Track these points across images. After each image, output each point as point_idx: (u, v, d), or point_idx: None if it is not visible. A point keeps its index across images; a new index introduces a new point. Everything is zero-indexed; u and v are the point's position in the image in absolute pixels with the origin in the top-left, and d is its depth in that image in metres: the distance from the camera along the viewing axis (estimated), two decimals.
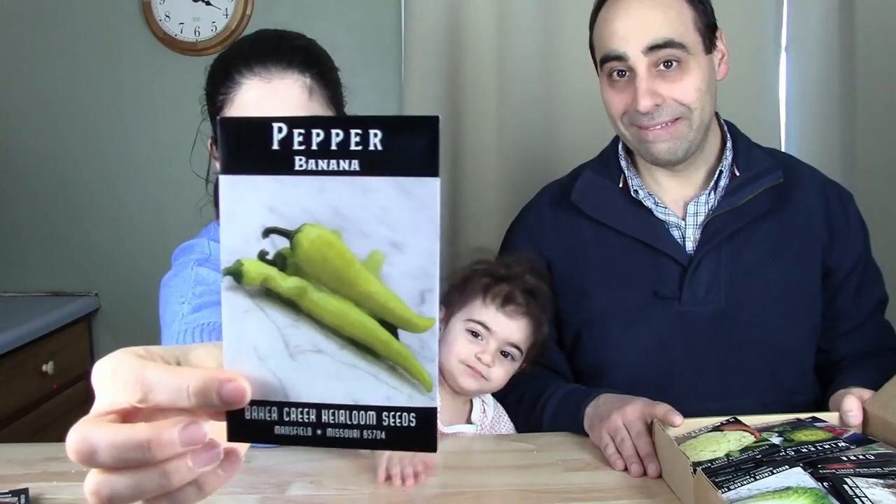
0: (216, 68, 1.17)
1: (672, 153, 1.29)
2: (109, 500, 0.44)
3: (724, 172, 1.35)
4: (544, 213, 1.45)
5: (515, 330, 1.28)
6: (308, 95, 1.11)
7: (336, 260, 0.44)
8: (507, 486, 1.07)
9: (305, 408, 0.45)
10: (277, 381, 0.45)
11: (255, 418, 0.46)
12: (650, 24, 1.24)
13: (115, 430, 0.44)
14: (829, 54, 2.20)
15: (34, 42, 2.36)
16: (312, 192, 0.43)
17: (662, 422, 1.11)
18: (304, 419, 0.46)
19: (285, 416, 0.46)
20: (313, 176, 0.43)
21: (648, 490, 1.05)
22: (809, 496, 0.88)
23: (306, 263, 0.44)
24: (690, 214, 1.35)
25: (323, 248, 0.44)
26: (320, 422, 0.45)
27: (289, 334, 0.45)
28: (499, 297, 1.28)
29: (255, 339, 0.45)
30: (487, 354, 1.27)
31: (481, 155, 2.25)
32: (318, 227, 0.44)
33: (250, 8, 2.29)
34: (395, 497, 1.04)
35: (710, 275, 1.32)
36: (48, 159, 2.39)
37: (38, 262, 2.38)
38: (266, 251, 0.44)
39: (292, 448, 1.23)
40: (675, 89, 1.25)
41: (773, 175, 1.34)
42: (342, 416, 0.45)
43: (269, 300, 0.45)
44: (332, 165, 0.43)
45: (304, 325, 0.45)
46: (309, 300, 0.45)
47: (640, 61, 1.25)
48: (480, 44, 2.22)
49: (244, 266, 0.44)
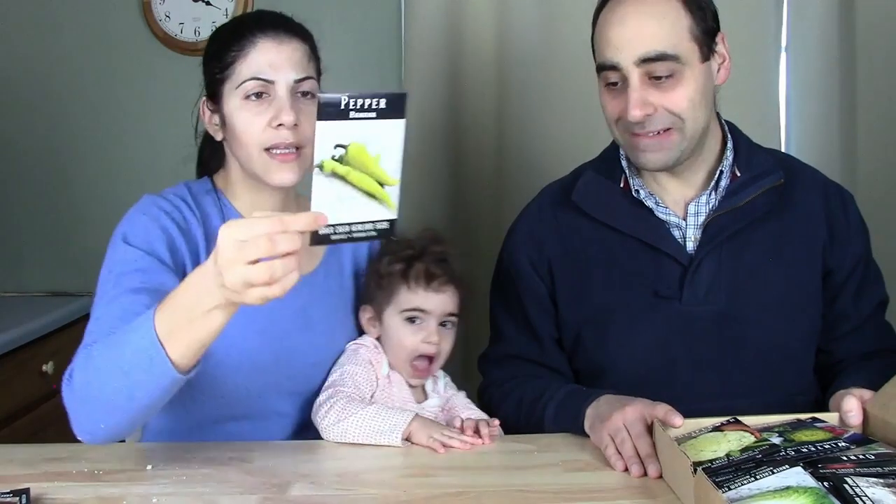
0: (225, 31, 1.30)
1: (662, 163, 1.30)
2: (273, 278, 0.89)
3: (724, 173, 1.35)
4: (545, 212, 1.45)
5: (448, 301, 1.32)
6: (308, 60, 1.27)
7: (362, 157, 0.92)
8: (508, 487, 1.07)
9: (345, 225, 0.93)
10: (334, 215, 0.91)
11: (323, 233, 0.92)
12: (644, 36, 1.24)
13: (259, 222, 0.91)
14: (829, 54, 2.20)
15: (34, 42, 2.36)
16: (355, 127, 0.89)
17: (663, 422, 1.11)
18: (343, 232, 0.93)
19: (336, 231, 0.92)
20: (356, 121, 0.89)
21: (648, 490, 1.05)
22: (810, 496, 0.88)
23: (351, 160, 0.91)
24: (691, 214, 1.35)
25: (357, 152, 0.91)
26: (351, 232, 0.93)
27: (341, 193, 0.91)
28: (421, 277, 1.31)
29: (327, 196, 0.91)
30: (433, 334, 1.31)
31: (481, 155, 2.25)
32: (356, 143, 0.90)
33: (250, 8, 2.29)
34: (396, 497, 1.04)
35: (710, 275, 1.32)
36: (48, 159, 2.39)
37: (38, 262, 2.38)
38: (334, 156, 0.90)
39: (293, 448, 1.24)
40: (666, 99, 1.25)
41: (774, 176, 1.34)
42: (360, 226, 0.94)
43: (334, 178, 0.91)
44: (363, 115, 0.89)
45: (347, 187, 0.92)
46: (351, 175, 0.92)
47: (633, 71, 1.25)
48: (480, 44, 2.22)
49: (324, 162, 0.90)
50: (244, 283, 0.90)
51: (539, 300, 1.42)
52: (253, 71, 1.23)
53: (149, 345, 0.99)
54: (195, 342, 0.99)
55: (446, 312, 1.33)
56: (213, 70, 1.27)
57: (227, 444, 1.23)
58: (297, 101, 1.24)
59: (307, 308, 1.33)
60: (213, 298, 0.95)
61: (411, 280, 1.31)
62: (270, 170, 1.24)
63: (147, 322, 1.00)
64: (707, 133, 1.33)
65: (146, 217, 1.25)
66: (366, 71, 2.35)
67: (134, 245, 1.21)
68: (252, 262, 0.89)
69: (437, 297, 1.31)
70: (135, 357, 1.00)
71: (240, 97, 1.23)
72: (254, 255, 0.89)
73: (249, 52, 1.23)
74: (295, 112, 1.22)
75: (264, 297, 0.91)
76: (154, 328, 0.99)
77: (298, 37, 1.27)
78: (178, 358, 1.00)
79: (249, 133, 1.23)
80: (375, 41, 2.35)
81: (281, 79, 1.23)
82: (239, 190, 1.33)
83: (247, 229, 0.90)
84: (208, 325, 0.97)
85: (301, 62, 1.25)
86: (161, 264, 1.21)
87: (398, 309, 1.32)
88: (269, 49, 1.23)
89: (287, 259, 0.90)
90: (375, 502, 1.03)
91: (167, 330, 0.99)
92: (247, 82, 1.23)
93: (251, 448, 1.21)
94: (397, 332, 1.32)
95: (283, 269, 0.90)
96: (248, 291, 0.91)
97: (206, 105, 1.31)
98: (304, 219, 0.89)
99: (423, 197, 2.24)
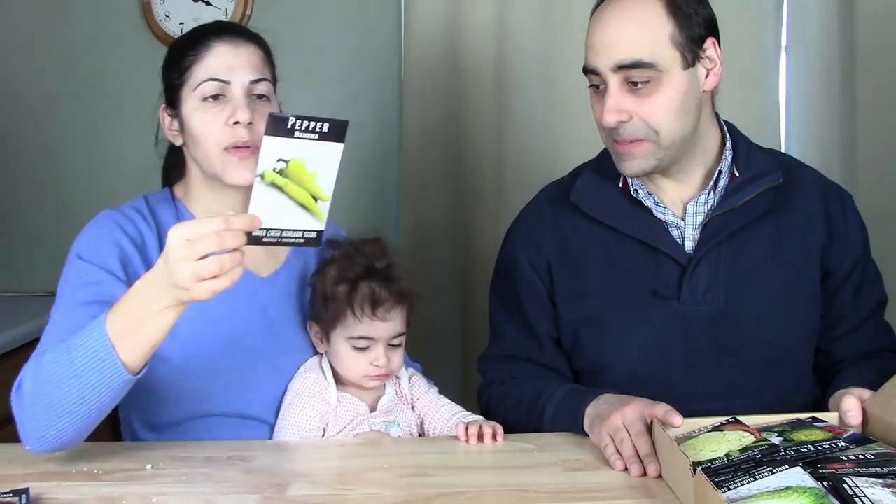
0: (184, 39, 1.34)
1: (638, 170, 1.30)
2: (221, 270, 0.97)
3: (723, 173, 1.35)
4: (544, 212, 1.45)
5: (395, 325, 1.30)
6: (263, 64, 1.32)
7: (300, 173, 1.01)
8: (507, 486, 1.07)
9: (276, 230, 1.02)
10: (269, 220, 1.00)
11: (256, 234, 1.00)
12: (621, 42, 1.24)
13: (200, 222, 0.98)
14: (829, 54, 2.20)
15: (34, 42, 2.36)
16: (298, 145, 0.99)
17: (662, 422, 1.11)
18: (274, 236, 1.02)
19: (267, 234, 1.01)
20: (300, 140, 0.99)
21: (648, 490, 1.05)
22: (809, 496, 0.88)
23: (290, 173, 1.00)
24: (690, 214, 1.35)
25: (296, 168, 1.00)
26: (281, 237, 1.02)
27: (277, 201, 1.00)
28: (366, 303, 1.27)
29: (264, 202, 1.00)
30: (381, 357, 1.29)
31: (481, 155, 2.25)
32: (296, 159, 1.00)
33: (250, 8, 2.29)
34: (395, 497, 1.04)
35: (709, 275, 1.32)
36: (47, 158, 2.38)
37: (38, 262, 2.38)
38: (276, 168, 0.99)
39: (293, 448, 1.24)
40: (642, 106, 1.25)
41: (773, 176, 1.34)
42: (290, 233, 1.03)
43: (273, 187, 1.00)
44: (307, 136, 0.99)
45: (284, 197, 1.01)
46: (289, 187, 1.01)
47: (611, 77, 1.25)
48: (480, 44, 2.23)
49: (265, 173, 0.98)
50: (194, 277, 0.97)
51: (538, 300, 1.42)
52: (209, 73, 1.26)
53: (100, 347, 1.04)
54: (146, 342, 1.05)
55: (393, 335, 1.30)
56: (172, 76, 1.30)
57: (227, 444, 1.23)
58: (252, 102, 1.26)
59: (268, 309, 1.34)
60: (163, 299, 1.01)
61: (356, 307, 1.27)
62: (229, 169, 1.26)
63: (99, 326, 1.05)
64: (696, 137, 1.32)
65: (100, 231, 1.28)
66: (366, 71, 2.36)
67: (86, 260, 1.25)
68: (201, 258, 0.97)
69: (383, 325, 1.28)
70: (87, 360, 1.04)
71: (198, 99, 1.26)
72: (203, 251, 0.97)
73: (206, 56, 1.27)
74: (250, 111, 1.24)
75: (213, 289, 0.98)
76: (106, 331, 1.04)
77: (254, 42, 1.31)
78: (128, 359, 1.05)
79: (208, 134, 1.26)
80: (375, 41, 2.35)
81: (237, 79, 1.26)
82: (197, 196, 1.35)
83: (195, 228, 0.98)
84: (158, 325, 1.03)
85: (256, 65, 1.29)
86: (113, 277, 1.23)
87: (345, 335, 1.29)
88: (225, 52, 1.27)
89: (234, 253, 0.98)
90: (375, 502, 1.03)
91: (118, 332, 1.04)
92: (204, 84, 1.26)
93: (251, 448, 1.21)
94: (345, 355, 1.30)
95: (231, 261, 0.98)
96: (197, 286, 0.98)
97: (164, 112, 1.33)
98: (244, 219, 0.99)
99: (424, 195, 2.25)
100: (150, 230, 1.32)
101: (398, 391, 1.37)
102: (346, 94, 2.36)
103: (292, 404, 1.29)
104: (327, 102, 2.32)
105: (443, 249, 2.27)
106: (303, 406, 1.28)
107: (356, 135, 2.37)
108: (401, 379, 1.38)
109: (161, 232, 1.31)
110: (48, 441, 1.09)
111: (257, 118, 1.24)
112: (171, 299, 1.01)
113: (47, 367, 1.07)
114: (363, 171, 2.35)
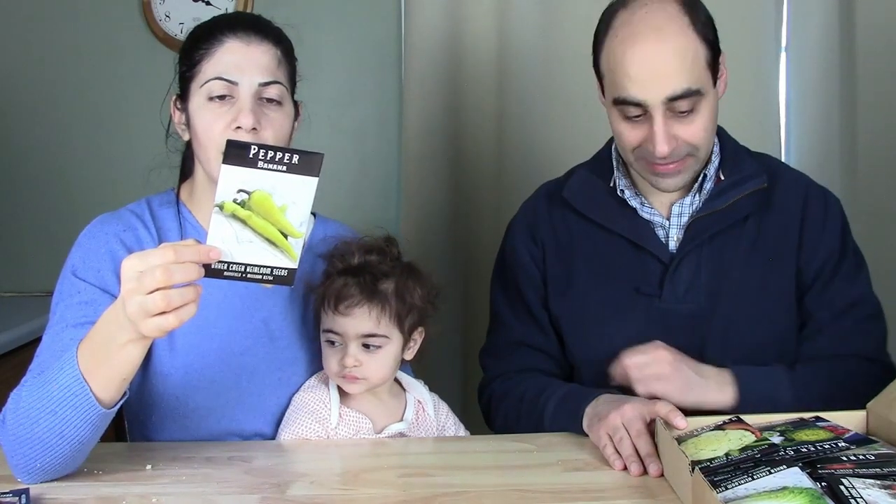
0: (199, 29, 1.26)
1: (679, 186, 1.33)
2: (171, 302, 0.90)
3: (708, 176, 1.36)
4: (540, 207, 1.48)
5: (360, 323, 1.23)
6: (276, 64, 1.23)
7: (266, 206, 0.96)
8: (507, 486, 1.07)
9: (239, 265, 0.96)
10: (229, 253, 0.95)
11: (216, 267, 0.95)
12: (670, 75, 1.23)
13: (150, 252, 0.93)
14: (829, 54, 2.20)
15: (34, 42, 2.36)
16: (262, 176, 0.94)
17: (665, 421, 1.11)
18: (237, 270, 0.97)
19: (229, 267, 0.96)
20: (265, 171, 0.94)
21: (648, 490, 1.05)
22: (805, 496, 0.88)
23: (254, 205, 0.95)
24: (675, 215, 1.37)
25: (261, 200, 0.95)
26: (245, 272, 0.97)
27: (239, 234, 0.95)
28: (331, 298, 1.23)
29: (223, 235, 0.95)
30: (349, 357, 1.23)
31: (481, 154, 2.25)
32: (261, 191, 0.94)
33: (250, 8, 2.30)
34: (396, 497, 1.04)
35: (690, 274, 1.34)
36: (48, 159, 2.39)
37: (38, 262, 2.38)
38: (236, 199, 0.94)
39: (293, 448, 1.24)
40: (688, 131, 1.26)
41: (757, 180, 1.35)
42: (255, 269, 0.97)
43: (233, 219, 0.95)
44: (273, 167, 0.94)
45: (247, 231, 0.95)
46: (252, 220, 0.96)
47: (658, 109, 1.24)
48: (480, 44, 2.23)
49: (224, 203, 0.94)
50: (142, 312, 0.91)
51: (537, 289, 1.45)
52: (217, 71, 1.20)
53: (73, 381, 1.00)
54: (116, 376, 1.00)
55: (361, 334, 1.23)
56: (183, 67, 1.25)
57: (227, 444, 1.23)
58: (259, 106, 1.20)
59: (269, 321, 1.30)
60: (125, 333, 0.96)
61: (326, 300, 1.24)
62: None
63: (71, 359, 1.01)
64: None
65: (94, 243, 1.24)
66: (366, 71, 2.36)
67: (80, 277, 1.21)
68: (150, 292, 0.90)
69: (345, 321, 1.22)
70: (60, 394, 1.00)
71: (204, 97, 1.20)
72: (151, 286, 0.90)
73: (216, 52, 1.21)
74: (256, 116, 1.18)
75: (160, 327, 0.92)
76: (77, 365, 1.00)
77: (270, 40, 1.23)
78: (101, 393, 1.00)
79: (209, 135, 1.19)
80: (375, 41, 2.35)
81: (245, 81, 1.19)
82: (201, 197, 1.30)
83: (142, 260, 0.92)
84: (125, 358, 0.98)
85: (269, 66, 1.21)
86: (107, 295, 1.20)
87: (322, 328, 1.27)
88: (235, 49, 1.20)
89: (185, 289, 0.91)
90: (375, 502, 1.03)
91: (88, 366, 1.00)
92: (210, 82, 1.20)
93: (251, 448, 1.21)
94: (323, 351, 1.28)
95: (180, 298, 0.91)
96: (145, 322, 0.92)
97: (175, 104, 1.29)
98: (196, 251, 0.92)
99: (423, 196, 2.25)
100: (151, 237, 1.27)
101: (420, 417, 1.33)
102: (346, 95, 2.36)
103: (288, 423, 1.27)
104: (327, 102, 2.32)
105: (442, 249, 2.27)
106: (299, 425, 1.26)
107: (356, 135, 2.38)
108: (424, 404, 1.34)
109: (163, 238, 1.27)
110: (37, 473, 1.06)
111: (264, 123, 1.19)
112: (132, 332, 0.94)
113: (25, 402, 1.04)
114: (363, 171, 2.36)
